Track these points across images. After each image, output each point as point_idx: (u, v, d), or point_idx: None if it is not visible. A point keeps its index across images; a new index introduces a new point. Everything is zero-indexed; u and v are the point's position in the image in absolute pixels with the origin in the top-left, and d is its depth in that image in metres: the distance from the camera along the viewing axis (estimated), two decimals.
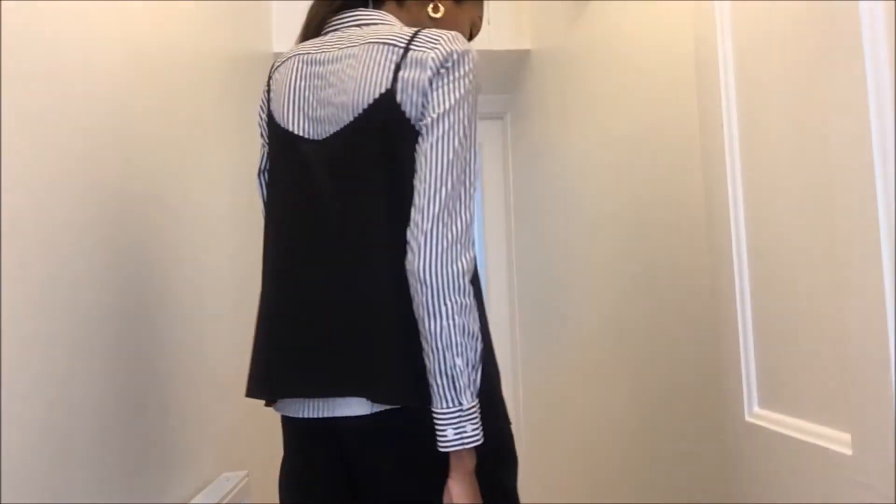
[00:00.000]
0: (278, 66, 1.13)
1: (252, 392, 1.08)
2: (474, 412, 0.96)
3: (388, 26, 1.06)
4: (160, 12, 1.40)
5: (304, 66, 1.08)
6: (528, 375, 3.16)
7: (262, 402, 1.12)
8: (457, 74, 1.00)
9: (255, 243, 1.18)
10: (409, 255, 0.97)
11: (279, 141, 1.09)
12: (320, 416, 1.03)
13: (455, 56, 1.00)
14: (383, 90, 1.00)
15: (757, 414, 1.02)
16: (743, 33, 1.03)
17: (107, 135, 1.14)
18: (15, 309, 0.87)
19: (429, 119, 0.99)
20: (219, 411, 1.63)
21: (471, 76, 1.01)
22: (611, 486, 2.08)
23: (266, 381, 1.06)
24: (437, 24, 1.14)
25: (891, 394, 0.73)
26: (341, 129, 1.02)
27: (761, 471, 1.00)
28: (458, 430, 0.96)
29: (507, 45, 2.86)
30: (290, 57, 1.11)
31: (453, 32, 1.03)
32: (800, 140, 0.91)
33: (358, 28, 1.07)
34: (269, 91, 1.13)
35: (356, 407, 1.00)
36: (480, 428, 0.97)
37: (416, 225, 0.97)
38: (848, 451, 0.81)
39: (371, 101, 1.00)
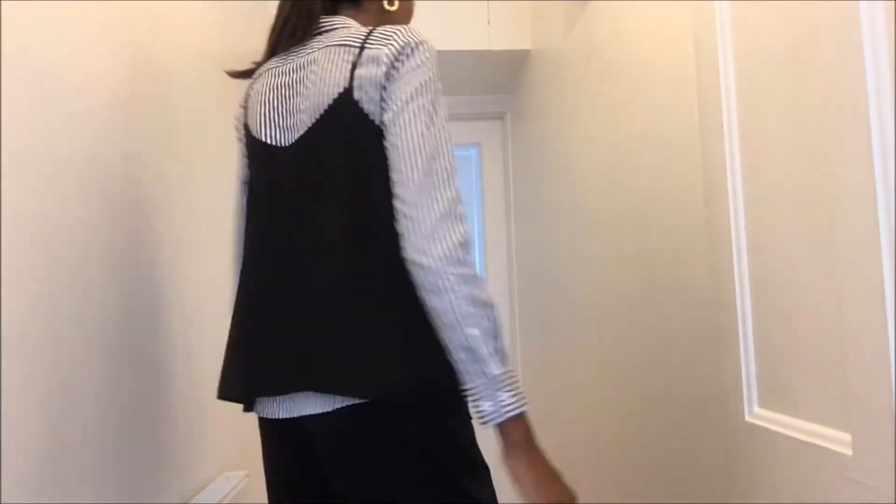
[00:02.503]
0: (253, 82, 1.16)
1: (224, 394, 1.11)
2: (507, 380, 0.95)
3: (346, 29, 1.08)
4: (160, 13, 1.40)
5: (273, 79, 1.11)
6: (528, 376, 3.16)
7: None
8: (412, 65, 1.00)
9: None
10: (402, 243, 0.97)
11: (256, 153, 1.11)
12: (288, 415, 1.03)
13: (409, 48, 1.00)
14: (341, 90, 1.01)
15: (757, 414, 1.02)
16: (743, 33, 1.03)
17: (107, 135, 1.14)
18: (15, 310, 0.87)
19: (391, 112, 0.99)
20: (218, 412, 1.63)
21: (428, 65, 1.01)
22: (610, 485, 2.08)
23: (234, 382, 1.09)
24: (392, 17, 1.18)
25: (891, 394, 0.73)
26: (305, 132, 1.04)
27: (761, 471, 1.00)
28: (493, 401, 0.94)
29: (506, 45, 2.86)
30: (263, 72, 1.14)
31: (407, 26, 1.03)
32: (800, 140, 0.91)
33: (320, 36, 1.10)
34: (245, 106, 1.16)
35: (316, 404, 0.99)
36: (521, 395, 0.96)
37: (401, 212, 0.97)
38: (848, 451, 0.81)
39: (330, 101, 1.02)
